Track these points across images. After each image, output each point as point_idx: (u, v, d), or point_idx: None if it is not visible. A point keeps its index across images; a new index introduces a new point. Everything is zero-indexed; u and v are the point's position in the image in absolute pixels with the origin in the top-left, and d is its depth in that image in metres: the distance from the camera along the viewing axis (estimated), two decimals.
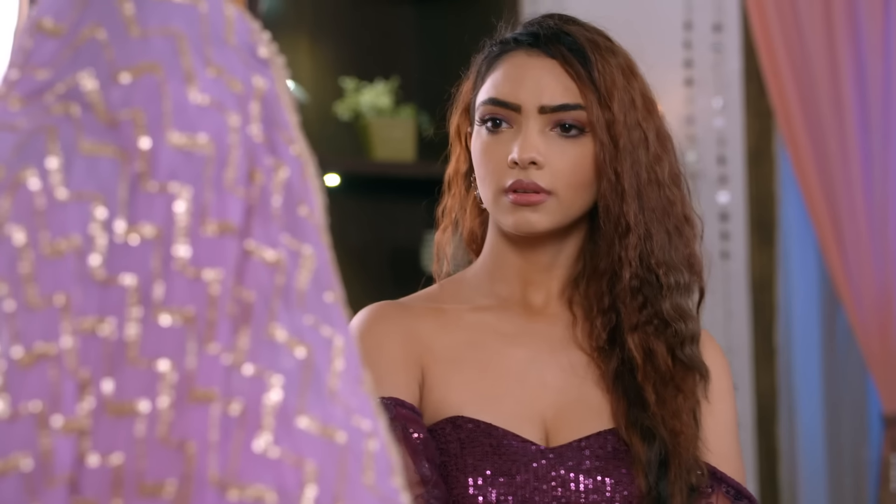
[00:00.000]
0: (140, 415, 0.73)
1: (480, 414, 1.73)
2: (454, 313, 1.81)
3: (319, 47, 4.55)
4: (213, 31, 0.78)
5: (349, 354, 0.79)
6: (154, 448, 0.73)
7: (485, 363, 1.77)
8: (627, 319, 1.75)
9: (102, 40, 0.76)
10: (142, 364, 0.73)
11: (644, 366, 1.74)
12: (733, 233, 4.61)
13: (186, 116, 0.75)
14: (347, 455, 0.77)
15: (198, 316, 0.74)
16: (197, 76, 0.76)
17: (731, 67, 4.61)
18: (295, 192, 0.79)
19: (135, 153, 0.74)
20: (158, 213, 0.74)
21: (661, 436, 1.72)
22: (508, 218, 1.73)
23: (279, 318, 0.77)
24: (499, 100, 1.75)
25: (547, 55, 1.76)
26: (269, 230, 0.77)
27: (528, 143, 1.72)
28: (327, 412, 0.77)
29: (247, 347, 0.75)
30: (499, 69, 1.77)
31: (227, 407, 0.74)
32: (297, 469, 0.75)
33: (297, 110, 3.03)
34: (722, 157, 4.64)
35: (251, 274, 0.76)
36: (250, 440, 0.74)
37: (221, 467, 0.74)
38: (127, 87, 0.75)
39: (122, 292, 0.73)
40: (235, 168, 0.76)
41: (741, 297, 4.57)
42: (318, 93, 4.48)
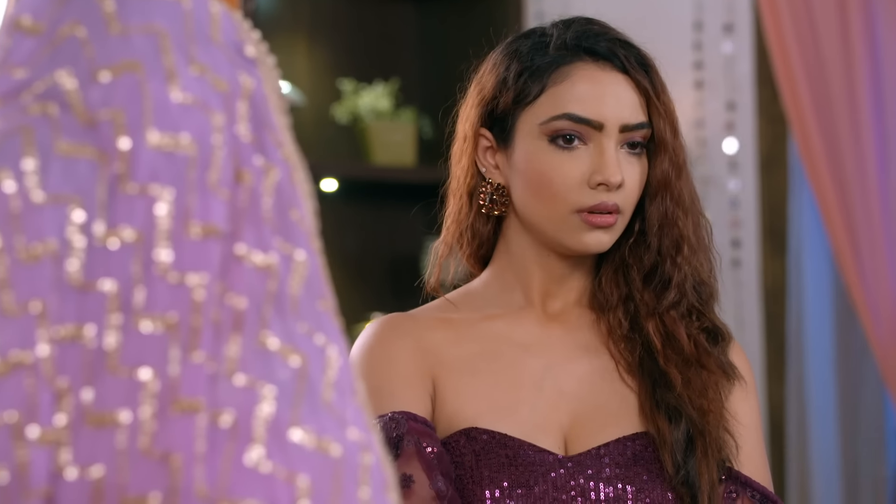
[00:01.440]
0: (121, 425, 0.73)
1: (495, 425, 1.74)
2: (465, 323, 1.82)
3: (316, 48, 4.55)
4: (197, 28, 0.77)
5: (343, 365, 0.79)
6: (136, 460, 0.73)
7: (499, 373, 1.78)
8: (644, 307, 1.79)
9: (82, 38, 0.76)
10: (122, 373, 0.73)
11: (664, 350, 1.78)
12: (745, 240, 4.61)
13: (168, 116, 0.75)
14: (342, 469, 0.77)
15: (181, 322, 0.73)
16: (179, 74, 0.76)
17: (743, 70, 4.60)
18: (285, 195, 0.79)
19: (114, 154, 0.74)
20: (139, 216, 0.73)
21: (687, 415, 1.74)
22: (580, 238, 1.75)
23: (271, 325, 0.76)
24: (580, 116, 1.74)
25: (617, 69, 1.76)
26: (261, 234, 0.77)
27: (616, 164, 1.73)
28: (322, 424, 0.77)
29: (238, 356, 0.75)
30: (568, 82, 1.76)
31: (218, 418, 0.74)
32: (290, 484, 0.75)
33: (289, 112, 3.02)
34: (733, 162, 4.64)
35: (242, 279, 0.76)
36: (241, 453, 0.74)
37: (210, 481, 0.74)
38: (106, 86, 0.75)
39: (101, 298, 0.73)
40: (219, 169, 0.75)
41: (753, 307, 4.57)
42: (315, 95, 4.48)
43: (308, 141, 4.50)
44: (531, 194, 1.76)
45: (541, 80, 1.76)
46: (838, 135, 4.23)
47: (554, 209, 1.75)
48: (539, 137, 1.76)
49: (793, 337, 4.43)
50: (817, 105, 4.25)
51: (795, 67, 4.24)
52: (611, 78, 1.76)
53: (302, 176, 0.81)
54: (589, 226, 1.73)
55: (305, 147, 4.63)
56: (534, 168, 1.76)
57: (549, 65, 1.77)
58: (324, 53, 4.57)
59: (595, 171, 1.73)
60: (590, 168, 1.74)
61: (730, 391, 1.80)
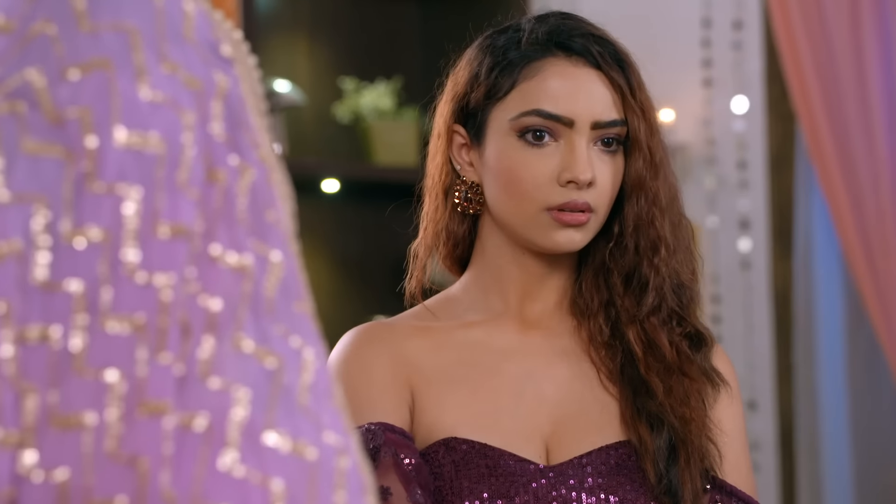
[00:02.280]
0: (87, 428, 0.73)
1: (475, 434, 1.73)
2: (443, 331, 1.81)
3: (317, 46, 4.56)
4: (169, 26, 0.78)
5: (320, 367, 0.79)
6: (102, 463, 0.73)
7: (478, 381, 1.77)
8: (625, 313, 1.78)
9: (52, 35, 0.76)
10: (89, 374, 0.73)
11: (645, 357, 1.77)
12: (755, 242, 4.60)
13: (137, 114, 0.75)
14: (318, 473, 0.77)
15: (148, 323, 0.74)
16: (149, 72, 0.76)
17: (752, 67, 4.60)
18: (261, 196, 0.79)
19: (81, 153, 0.74)
20: (106, 216, 0.74)
21: (669, 423, 1.74)
22: (550, 237, 1.74)
23: (246, 327, 0.77)
24: (549, 112, 1.73)
25: (591, 65, 1.75)
26: (235, 234, 0.77)
27: (587, 161, 1.72)
28: (297, 427, 0.77)
29: (212, 359, 0.75)
30: (539, 77, 1.75)
31: (191, 422, 0.74)
32: (264, 488, 0.75)
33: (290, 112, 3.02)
34: (742, 161, 4.63)
35: (216, 280, 0.76)
36: (215, 458, 0.74)
37: (183, 485, 0.74)
38: (75, 84, 0.75)
39: (67, 299, 0.73)
40: (189, 168, 0.76)
41: (763, 310, 4.56)
42: (316, 94, 4.48)
43: (309, 141, 4.51)
44: (502, 192, 1.75)
45: (511, 75, 1.75)
46: (849, 133, 4.23)
47: (524, 207, 1.74)
48: (509, 134, 1.75)
49: (802, 340, 4.43)
50: (827, 102, 4.25)
51: (805, 64, 4.24)
52: (583, 74, 1.74)
53: (279, 177, 0.81)
54: (559, 224, 1.72)
55: (306, 147, 4.64)
56: (504, 165, 1.75)
57: (521, 60, 1.75)
58: (325, 52, 4.57)
59: (565, 168, 1.72)
60: (560, 165, 1.72)
61: (714, 398, 1.80)
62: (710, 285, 4.64)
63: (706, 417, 1.76)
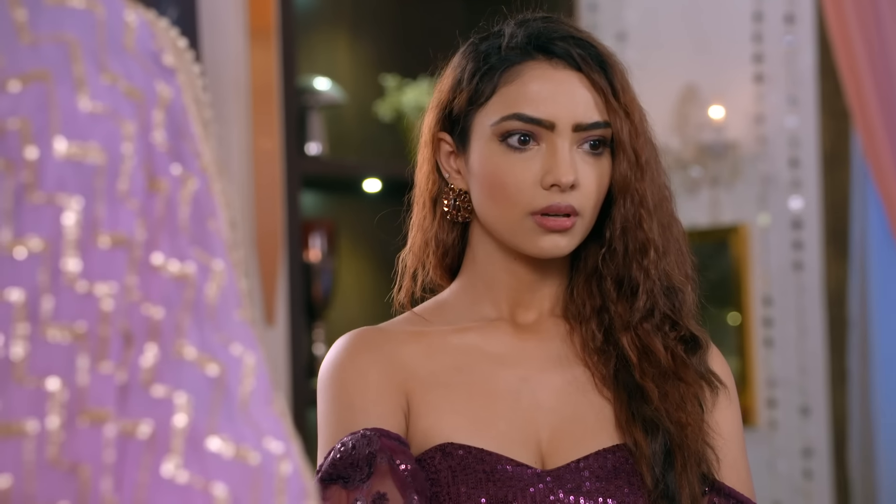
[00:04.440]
0: (28, 435, 0.75)
1: (471, 439, 1.74)
2: (437, 336, 1.83)
3: (359, 43, 4.58)
4: (110, 37, 0.80)
5: (260, 374, 0.82)
6: (44, 470, 0.75)
7: (473, 387, 1.79)
8: (619, 319, 1.80)
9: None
10: (30, 382, 0.76)
11: (640, 363, 1.78)
12: (807, 242, 4.59)
13: (76, 125, 0.78)
14: (260, 478, 0.79)
15: (89, 332, 0.76)
16: (89, 83, 0.78)
17: (805, 63, 4.58)
18: (203, 205, 0.82)
19: (20, 163, 0.77)
20: (46, 226, 0.76)
21: (665, 428, 1.75)
22: (535, 242, 1.75)
23: (188, 334, 0.79)
24: (529, 116, 1.75)
25: (571, 67, 1.76)
26: (178, 243, 0.80)
27: (569, 164, 1.73)
28: (239, 433, 0.79)
29: (154, 366, 0.78)
30: (519, 81, 1.76)
31: (135, 429, 0.77)
32: (207, 493, 0.77)
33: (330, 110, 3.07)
34: (794, 159, 4.62)
35: (158, 289, 0.79)
36: (158, 464, 0.77)
37: (126, 492, 0.76)
38: (15, 95, 0.78)
39: (8, 308, 0.76)
40: (129, 178, 0.78)
41: (816, 313, 4.54)
42: (357, 92, 4.51)
43: (350, 140, 4.54)
44: (486, 198, 1.77)
45: (492, 80, 1.77)
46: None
47: (508, 212, 1.75)
48: (491, 139, 1.77)
49: (856, 343, 4.41)
50: (882, 99, 4.22)
51: (859, 59, 4.22)
52: (563, 76, 1.76)
53: (220, 187, 0.84)
54: (544, 230, 1.74)
55: (347, 146, 4.67)
56: (487, 171, 1.76)
57: (501, 64, 1.77)
58: (366, 48, 4.60)
59: (547, 171, 1.73)
60: (542, 169, 1.74)
61: (713, 402, 1.81)
62: (762, 287, 4.63)
63: (703, 422, 1.78)
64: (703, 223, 4.75)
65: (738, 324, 4.59)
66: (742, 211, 4.69)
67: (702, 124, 4.65)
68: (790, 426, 4.53)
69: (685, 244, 1.85)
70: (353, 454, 1.70)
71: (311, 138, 4.34)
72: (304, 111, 4.30)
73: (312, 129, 4.34)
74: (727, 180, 4.67)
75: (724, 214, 4.72)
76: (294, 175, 3.97)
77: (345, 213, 4.48)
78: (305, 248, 4.24)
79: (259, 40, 3.89)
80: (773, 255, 4.64)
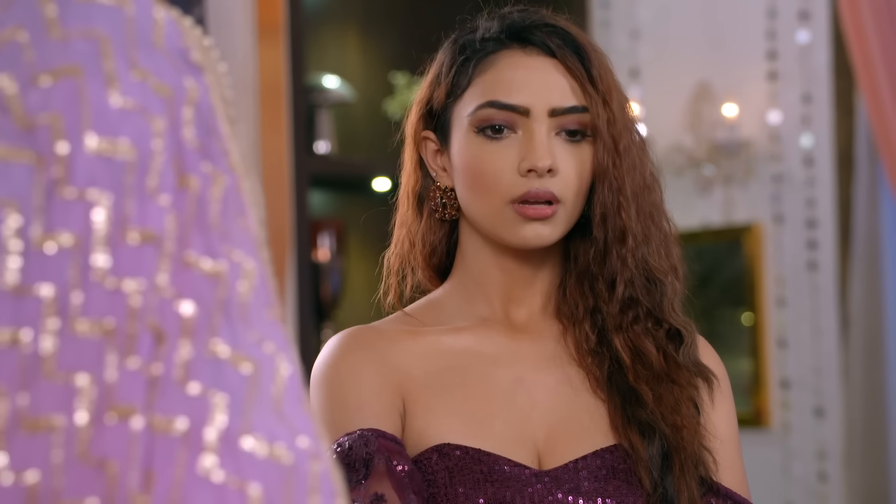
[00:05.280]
0: (57, 431, 0.77)
1: (468, 440, 1.75)
2: (432, 336, 1.84)
3: (368, 40, 4.60)
4: (139, 34, 0.82)
5: (292, 373, 0.83)
6: (72, 466, 0.77)
7: (469, 387, 1.80)
8: (611, 320, 1.81)
9: (23, 42, 0.80)
10: (58, 378, 0.77)
11: (633, 366, 1.80)
12: (821, 241, 4.60)
13: (107, 120, 0.79)
14: (294, 477, 0.80)
15: (118, 328, 0.77)
16: (119, 79, 0.80)
17: (819, 60, 4.59)
18: (233, 203, 0.83)
19: (51, 158, 0.78)
20: (76, 221, 0.78)
21: (661, 431, 1.76)
22: (517, 232, 1.76)
23: (221, 333, 0.80)
24: (503, 102, 1.76)
25: (545, 53, 1.78)
26: (209, 240, 0.81)
27: (545, 148, 1.75)
28: (273, 432, 0.80)
29: (188, 363, 0.79)
30: (493, 70, 1.78)
31: (170, 426, 0.78)
32: (242, 493, 0.78)
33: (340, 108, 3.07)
34: (809, 158, 4.63)
35: (191, 286, 0.80)
36: (194, 462, 0.78)
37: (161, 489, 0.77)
38: (46, 90, 0.79)
39: (37, 303, 0.77)
40: (159, 174, 0.80)
41: (830, 313, 4.55)
42: (367, 90, 4.52)
43: (359, 138, 4.55)
44: (468, 190, 1.79)
45: (467, 72, 1.79)
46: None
47: (489, 202, 1.76)
48: (468, 130, 1.78)
49: (859, 342, 4.41)
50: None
51: (875, 57, 4.23)
52: (537, 63, 1.78)
53: (249, 186, 0.85)
54: (524, 218, 1.75)
55: (356, 144, 4.67)
56: (465, 162, 1.78)
57: (475, 55, 1.79)
58: (376, 45, 4.61)
59: (523, 157, 1.75)
60: (519, 155, 1.75)
61: (710, 397, 1.82)
62: (775, 287, 4.64)
63: (698, 424, 1.79)
64: (717, 222, 4.76)
65: (752, 324, 4.60)
66: (755, 210, 4.70)
67: (715, 122, 4.66)
68: (804, 428, 4.54)
69: (672, 234, 1.85)
70: (350, 455, 1.71)
71: (320, 137, 4.35)
72: (313, 109, 4.31)
73: (321, 128, 4.35)
74: (740, 179, 4.68)
75: (737, 213, 4.73)
76: (302, 174, 3.98)
77: (354, 212, 4.49)
78: (314, 247, 4.25)
79: (267, 37, 3.90)
80: (786, 255, 4.65)
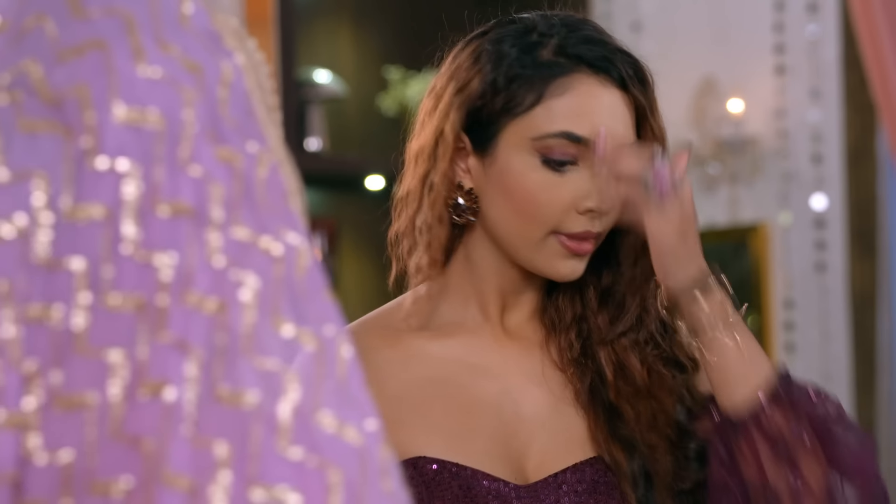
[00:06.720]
0: (90, 408, 0.78)
1: (447, 454, 1.76)
2: (414, 342, 1.84)
3: (361, 33, 4.61)
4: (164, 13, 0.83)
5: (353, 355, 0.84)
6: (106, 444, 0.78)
7: (450, 398, 1.81)
8: (597, 332, 1.83)
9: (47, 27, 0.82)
10: (91, 354, 0.78)
11: (616, 381, 1.81)
12: (830, 242, 4.61)
13: (134, 90, 0.80)
14: (367, 458, 0.81)
15: (148, 303, 0.78)
16: (146, 52, 0.81)
17: (828, 54, 4.61)
18: (280, 184, 0.84)
19: (80, 129, 0.79)
20: (106, 192, 0.79)
21: (640, 451, 1.78)
22: (553, 264, 1.78)
23: (284, 311, 0.81)
24: (578, 135, 1.75)
25: (615, 83, 1.77)
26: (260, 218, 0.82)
27: (608, 191, 1.76)
28: (342, 412, 0.81)
29: (254, 337, 0.80)
30: (569, 96, 1.76)
31: (240, 399, 0.79)
32: (321, 473, 0.79)
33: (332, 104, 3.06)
34: (817, 155, 4.64)
35: (251, 263, 0.81)
36: (270, 438, 0.79)
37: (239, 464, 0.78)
38: (72, 64, 0.80)
39: (69, 277, 0.78)
40: (192, 145, 0.81)
41: (839, 316, 4.56)
42: (360, 85, 4.53)
43: (352, 135, 4.56)
44: (511, 210, 1.77)
45: (536, 90, 1.76)
46: None
47: (532, 229, 1.76)
48: (530, 153, 1.76)
49: (884, 348, 4.43)
50: None
51: (885, 51, 4.24)
52: (609, 94, 1.77)
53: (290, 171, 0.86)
54: (567, 251, 1.76)
55: (349, 141, 4.68)
56: (520, 184, 1.76)
57: (546, 74, 1.76)
58: (369, 39, 4.62)
59: (585, 196, 1.75)
60: (579, 192, 1.75)
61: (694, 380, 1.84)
62: (783, 289, 4.65)
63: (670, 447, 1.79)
64: (722, 222, 4.77)
65: (758, 328, 4.61)
66: (762, 209, 4.71)
67: (720, 118, 4.68)
68: None
69: None
70: None
71: (311, 133, 4.36)
72: (304, 105, 4.32)
73: (312, 124, 4.36)
74: (747, 177, 4.70)
75: (743, 213, 4.75)
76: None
77: (346, 211, 4.50)
78: None
79: (256, 30, 3.91)
80: (794, 256, 4.66)
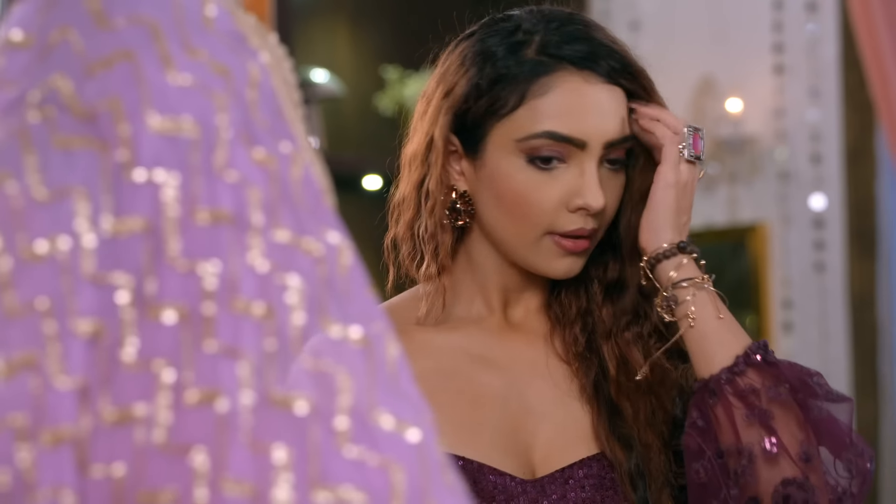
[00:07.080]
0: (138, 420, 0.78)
1: (454, 447, 1.76)
2: (420, 336, 1.84)
3: (359, 32, 4.60)
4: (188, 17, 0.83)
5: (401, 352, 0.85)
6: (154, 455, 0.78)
7: (457, 392, 1.80)
8: (601, 325, 1.83)
9: (73, 40, 0.82)
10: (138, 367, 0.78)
11: (618, 377, 1.81)
12: (829, 242, 4.62)
13: (167, 98, 0.80)
14: (426, 454, 0.82)
15: (192, 312, 0.79)
16: (175, 58, 0.81)
17: (827, 53, 4.61)
18: (314, 183, 0.84)
19: (115, 142, 0.79)
20: (145, 204, 0.79)
21: (637, 449, 1.78)
22: (549, 262, 1.78)
23: (330, 310, 0.82)
24: (562, 134, 1.73)
25: (602, 78, 1.75)
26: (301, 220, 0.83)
27: (598, 187, 1.74)
28: (398, 409, 0.82)
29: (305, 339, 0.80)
30: (551, 95, 1.74)
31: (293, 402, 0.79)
32: (383, 471, 0.80)
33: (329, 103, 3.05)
34: (816, 155, 4.65)
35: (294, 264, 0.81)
36: (329, 438, 0.79)
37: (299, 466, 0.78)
38: (101, 77, 0.80)
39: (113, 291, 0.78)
40: (227, 151, 0.81)
41: (838, 316, 4.57)
42: (357, 84, 4.53)
43: (349, 134, 4.56)
44: (503, 212, 1.77)
45: (518, 90, 1.75)
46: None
47: (526, 230, 1.76)
48: (515, 154, 1.75)
49: (885, 349, 4.43)
50: None
51: (884, 50, 4.25)
52: (595, 90, 1.75)
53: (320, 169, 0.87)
54: (562, 250, 1.76)
55: (346, 141, 4.68)
56: (508, 186, 1.75)
57: (529, 74, 1.75)
58: (367, 38, 4.62)
59: (575, 194, 1.74)
60: (569, 190, 1.74)
61: None
62: (781, 289, 4.66)
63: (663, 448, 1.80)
64: (720, 222, 4.77)
65: (757, 328, 4.62)
66: (761, 209, 4.72)
67: (719, 118, 4.68)
68: None
69: None
70: None
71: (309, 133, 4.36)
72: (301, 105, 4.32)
73: (309, 124, 4.36)
74: (745, 177, 4.70)
75: (742, 213, 4.75)
76: None
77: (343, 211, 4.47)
78: None
79: None
80: (793, 256, 4.67)
